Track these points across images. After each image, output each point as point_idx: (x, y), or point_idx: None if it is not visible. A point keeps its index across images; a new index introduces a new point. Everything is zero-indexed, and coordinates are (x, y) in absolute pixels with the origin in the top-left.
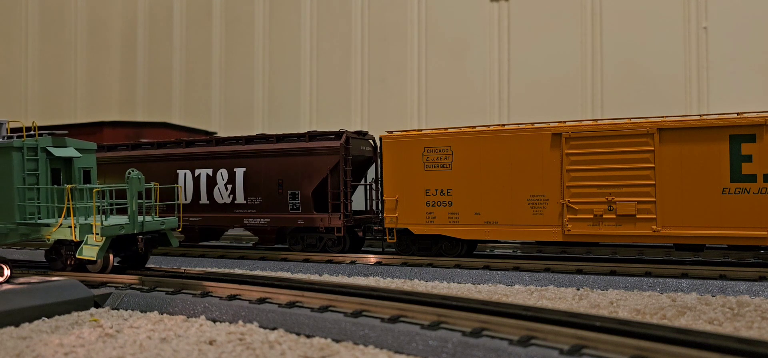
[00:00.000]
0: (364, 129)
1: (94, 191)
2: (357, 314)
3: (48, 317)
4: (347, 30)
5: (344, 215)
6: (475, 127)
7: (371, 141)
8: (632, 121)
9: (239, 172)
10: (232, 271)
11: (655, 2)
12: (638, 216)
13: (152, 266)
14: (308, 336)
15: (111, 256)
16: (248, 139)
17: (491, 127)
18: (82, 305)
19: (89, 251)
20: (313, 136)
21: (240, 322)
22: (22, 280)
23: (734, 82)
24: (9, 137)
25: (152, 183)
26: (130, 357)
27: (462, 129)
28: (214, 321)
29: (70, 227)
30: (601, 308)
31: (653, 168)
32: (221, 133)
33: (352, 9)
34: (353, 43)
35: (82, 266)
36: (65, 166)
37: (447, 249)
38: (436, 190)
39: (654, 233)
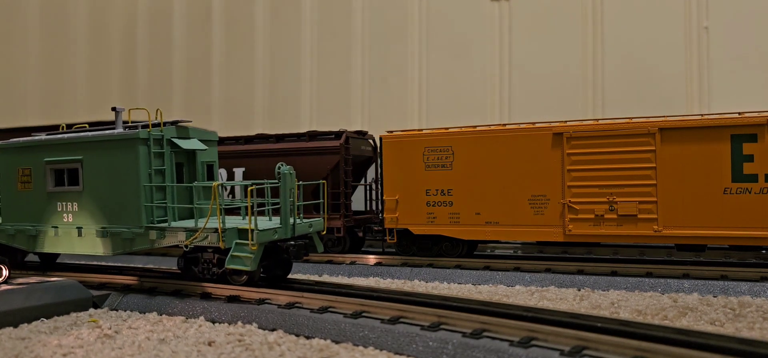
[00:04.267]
0: (364, 129)
1: (250, 188)
2: (357, 315)
3: (47, 318)
4: (347, 30)
5: (344, 215)
6: (475, 126)
7: (371, 141)
8: (633, 120)
9: (238, 172)
10: None
11: (656, 2)
12: (639, 216)
13: (150, 266)
14: (308, 337)
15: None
16: (248, 139)
17: (492, 127)
18: (80, 305)
19: (242, 261)
20: (313, 136)
21: (239, 323)
22: (20, 280)
23: (735, 81)
24: (131, 127)
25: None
26: None
27: (463, 129)
28: (214, 322)
29: (217, 231)
30: (603, 309)
31: (654, 168)
32: (221, 133)
33: (353, 9)
34: (353, 43)
35: (224, 276)
36: (188, 161)
37: (447, 249)
38: (437, 190)
39: (655, 233)
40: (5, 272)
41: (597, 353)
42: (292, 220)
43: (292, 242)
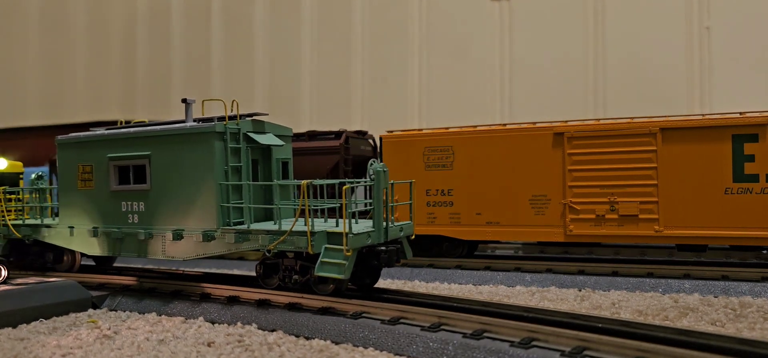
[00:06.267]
0: (364, 129)
1: (345, 187)
2: (357, 315)
3: (46, 319)
4: (347, 30)
5: None
6: (476, 126)
7: (371, 141)
8: (634, 120)
9: None
10: (231, 272)
11: (657, 2)
12: (640, 216)
13: (150, 266)
14: (307, 338)
15: None
16: None
17: (493, 127)
18: (80, 306)
19: (336, 268)
20: (312, 135)
21: (239, 323)
22: (19, 281)
23: (737, 81)
24: (205, 121)
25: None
26: None
27: (463, 128)
28: (213, 323)
29: (303, 235)
30: (603, 309)
31: (655, 168)
32: None
33: (353, 8)
34: (353, 43)
35: (307, 285)
36: (263, 157)
37: (448, 250)
38: (437, 190)
39: (656, 233)
40: (4, 273)
41: (598, 353)
42: (384, 223)
43: (384, 247)
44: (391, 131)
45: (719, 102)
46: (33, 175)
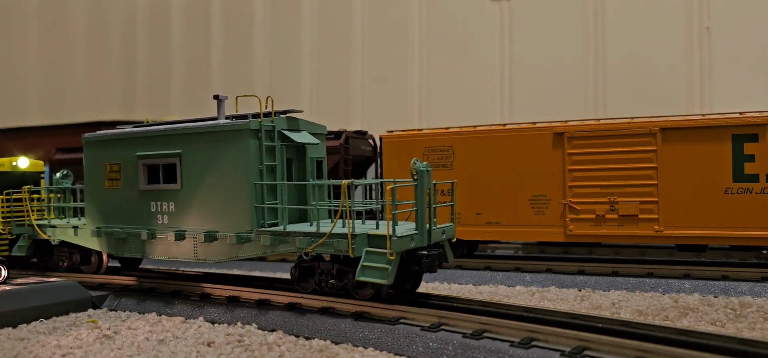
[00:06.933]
0: (364, 129)
1: (388, 187)
2: (357, 316)
3: (46, 319)
4: (347, 30)
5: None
6: (476, 126)
7: (371, 141)
8: (634, 120)
9: None
10: (231, 272)
11: (657, 2)
12: (640, 216)
13: (149, 267)
14: (307, 338)
15: None
16: None
17: (493, 127)
18: (80, 306)
19: (377, 273)
20: None
21: (239, 323)
22: (19, 281)
23: (737, 81)
24: (238, 117)
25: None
26: None
27: (463, 128)
28: (213, 323)
29: (343, 237)
30: (603, 309)
31: (656, 168)
32: None
33: (353, 9)
34: (353, 43)
35: (345, 289)
36: (297, 156)
37: None
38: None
39: (656, 233)
40: (4, 273)
41: (598, 353)
42: (427, 225)
43: (425, 251)
44: (391, 131)
45: (719, 102)
46: (57, 175)
